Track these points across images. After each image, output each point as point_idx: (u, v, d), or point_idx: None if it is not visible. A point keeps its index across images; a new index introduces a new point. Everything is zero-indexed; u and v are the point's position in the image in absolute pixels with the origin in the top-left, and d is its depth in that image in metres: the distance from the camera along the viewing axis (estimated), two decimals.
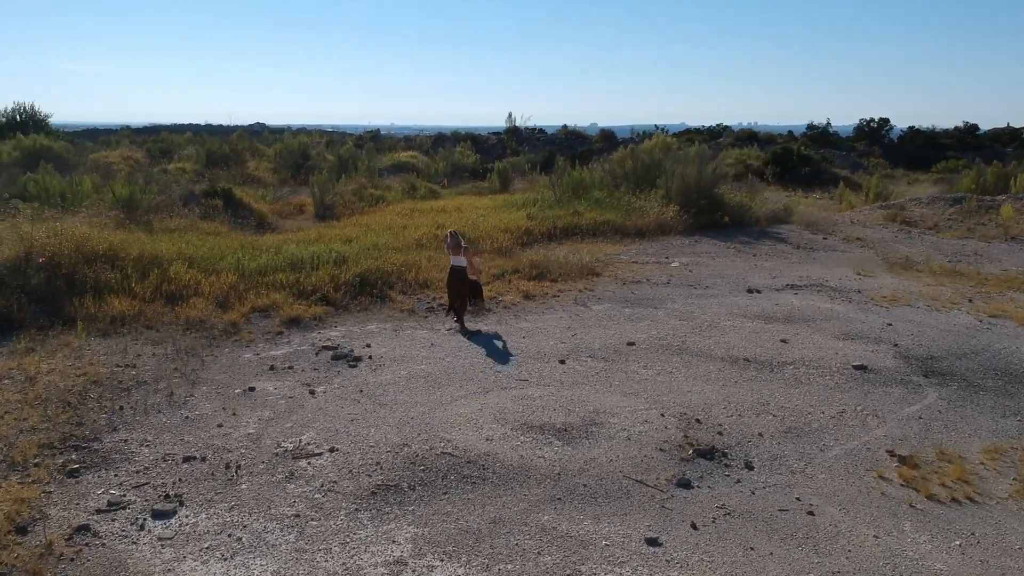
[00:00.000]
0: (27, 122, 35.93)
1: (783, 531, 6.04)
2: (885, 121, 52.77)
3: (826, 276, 14.88)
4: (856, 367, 9.61)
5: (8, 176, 19.98)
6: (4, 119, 36.09)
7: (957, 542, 5.96)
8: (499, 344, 10.49)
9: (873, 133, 52.25)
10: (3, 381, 8.56)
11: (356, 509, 6.23)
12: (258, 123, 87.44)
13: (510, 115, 47.88)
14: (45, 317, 10.55)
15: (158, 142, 38.51)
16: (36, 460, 6.83)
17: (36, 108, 37.15)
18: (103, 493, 6.37)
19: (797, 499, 6.54)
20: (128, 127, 63.92)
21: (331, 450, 7.23)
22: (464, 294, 11.39)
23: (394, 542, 5.78)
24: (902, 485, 6.82)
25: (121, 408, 8.06)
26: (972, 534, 6.08)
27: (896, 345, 10.49)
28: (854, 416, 8.25)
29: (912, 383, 9.22)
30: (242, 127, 67.96)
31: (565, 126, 53.47)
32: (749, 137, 46.36)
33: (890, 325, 11.40)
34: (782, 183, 29.89)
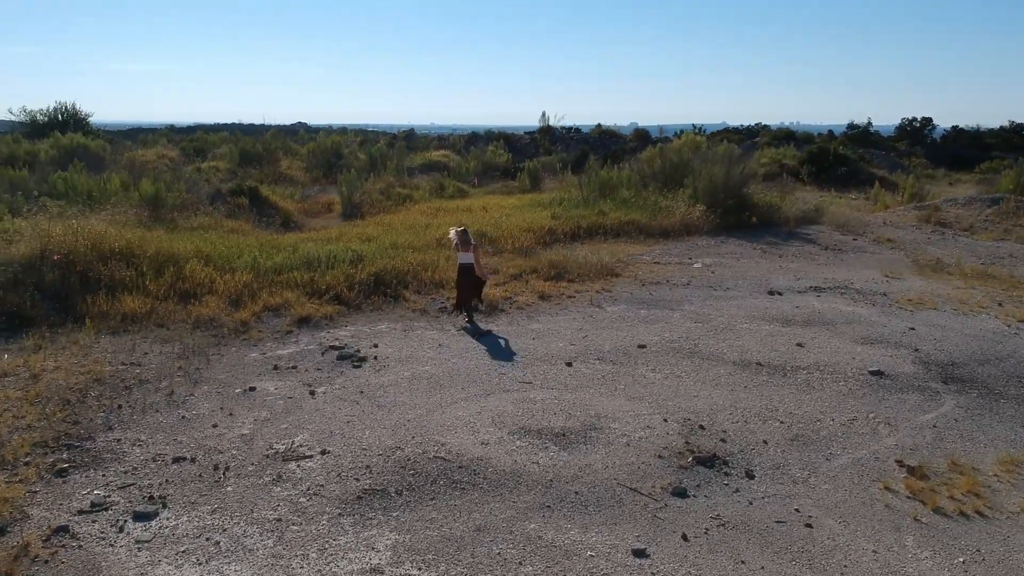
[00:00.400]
0: (68, 121, 36.49)
1: (777, 544, 5.80)
2: (928, 120, 51.67)
3: (852, 278, 14.50)
4: (872, 372, 9.29)
5: (41, 174, 20.25)
6: (46, 118, 36.70)
7: (961, 559, 5.68)
8: (508, 345, 10.32)
9: (915, 133, 51.20)
10: (7, 378, 8.59)
11: (339, 514, 6.11)
12: (299, 122, 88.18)
13: (543, 114, 47.58)
14: (57, 314, 10.61)
15: (193, 141, 38.95)
16: (27, 459, 6.82)
17: (77, 107, 37.79)
18: (88, 493, 6.33)
19: (796, 510, 6.30)
20: (171, 127, 64.82)
21: (322, 452, 7.12)
22: (474, 291, 11.28)
23: (373, 549, 5.65)
24: (908, 497, 6.54)
25: (120, 407, 8.04)
26: (978, 551, 5.79)
27: (917, 350, 10.14)
28: (865, 424, 7.96)
29: (930, 390, 8.89)
30: (280, 126, 68.54)
31: (599, 125, 53.06)
32: (786, 136, 45.65)
33: (912, 329, 11.04)
34: (818, 183, 29.40)
